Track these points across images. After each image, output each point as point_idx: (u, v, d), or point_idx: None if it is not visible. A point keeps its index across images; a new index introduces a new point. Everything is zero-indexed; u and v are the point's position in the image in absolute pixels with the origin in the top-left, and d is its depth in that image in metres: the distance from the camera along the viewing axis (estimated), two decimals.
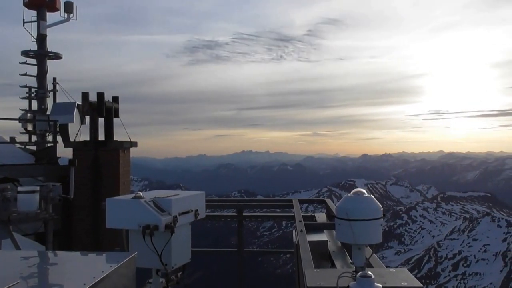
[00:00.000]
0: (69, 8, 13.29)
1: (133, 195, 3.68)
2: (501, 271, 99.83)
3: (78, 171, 8.65)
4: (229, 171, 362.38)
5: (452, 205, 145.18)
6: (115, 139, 9.89)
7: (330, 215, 5.58)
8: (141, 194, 3.67)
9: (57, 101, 13.05)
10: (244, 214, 6.96)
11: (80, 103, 10.09)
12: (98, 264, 2.60)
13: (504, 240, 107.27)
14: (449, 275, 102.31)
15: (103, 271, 2.22)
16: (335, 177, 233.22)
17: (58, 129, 10.19)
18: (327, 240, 4.20)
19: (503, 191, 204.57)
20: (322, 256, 3.95)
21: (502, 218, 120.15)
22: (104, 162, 9.32)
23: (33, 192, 6.30)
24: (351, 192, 2.85)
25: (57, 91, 13.43)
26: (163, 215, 3.46)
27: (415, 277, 2.71)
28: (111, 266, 2.33)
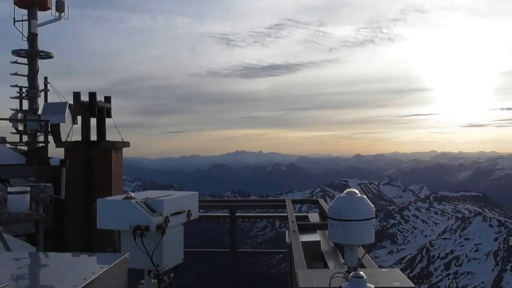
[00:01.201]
0: (60, 7, 13.18)
1: (124, 195, 3.66)
2: (493, 270, 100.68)
3: (70, 172, 8.57)
4: (222, 171, 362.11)
5: (445, 205, 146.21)
6: (108, 139, 9.81)
7: (323, 215, 5.59)
8: (133, 194, 3.65)
9: (49, 100, 12.94)
10: (237, 214, 6.94)
11: (72, 103, 10.02)
12: (89, 266, 2.58)
13: (496, 239, 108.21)
14: (441, 275, 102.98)
15: (94, 273, 2.20)
16: (328, 177, 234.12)
17: (49, 129, 10.10)
18: (320, 240, 4.20)
19: (494, 191, 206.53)
20: (314, 256, 3.95)
21: (494, 218, 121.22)
22: (96, 162, 9.23)
23: (24, 192, 6.24)
24: (344, 192, 2.85)
25: (49, 90, 13.31)
26: (154, 216, 3.44)
27: (408, 276, 2.71)
28: (102, 268, 2.32)
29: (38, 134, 12.09)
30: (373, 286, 2.35)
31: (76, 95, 9.69)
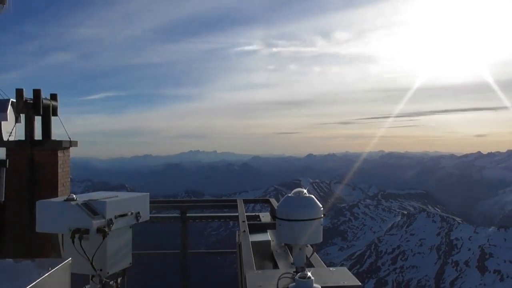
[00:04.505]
0: None
1: (65, 197, 3.51)
2: (435, 263, 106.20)
3: (13, 172, 8.13)
4: (176, 171, 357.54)
5: (392, 202, 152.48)
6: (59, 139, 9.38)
7: (274, 214, 5.65)
8: (75, 196, 3.50)
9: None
10: (188, 215, 6.88)
11: (15, 100, 9.50)
12: (27, 272, 2.45)
13: (438, 234, 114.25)
14: (388, 269, 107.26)
15: (30, 280, 2.09)
16: (281, 177, 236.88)
17: None
18: (270, 240, 4.23)
19: (437, 189, 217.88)
20: (265, 256, 3.98)
21: (436, 214, 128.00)
22: (40, 162, 8.81)
23: None
24: (292, 192, 2.85)
25: None
26: (95, 218, 3.31)
27: (357, 272, 2.81)
28: (40, 274, 2.21)
29: None
30: (320, 286, 2.40)
31: (19, 92, 9.20)
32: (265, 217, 6.07)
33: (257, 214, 6.26)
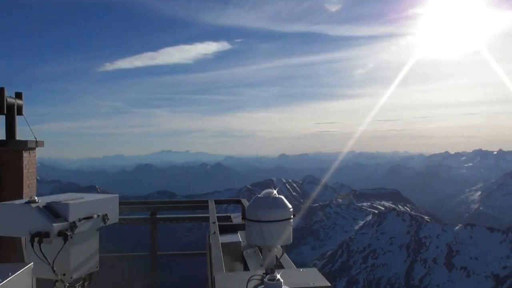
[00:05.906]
0: None
1: (27, 199, 3.37)
2: (405, 261, 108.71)
3: None
4: (148, 171, 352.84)
5: (363, 202, 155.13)
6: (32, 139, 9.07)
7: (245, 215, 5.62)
8: (36, 198, 3.35)
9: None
10: (158, 216, 6.77)
11: None
12: None
13: (408, 232, 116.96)
14: (359, 268, 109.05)
15: None
16: (254, 177, 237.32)
17: None
18: (240, 241, 4.20)
19: (406, 188, 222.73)
20: (235, 257, 3.94)
21: (406, 213, 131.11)
22: (5, 163, 8.51)
23: None
24: (261, 193, 2.82)
25: None
26: (57, 221, 3.14)
27: (329, 271, 2.82)
28: (0, 280, 2.12)
29: None
30: None
31: None
32: (237, 218, 6.03)
33: (228, 215, 6.22)
